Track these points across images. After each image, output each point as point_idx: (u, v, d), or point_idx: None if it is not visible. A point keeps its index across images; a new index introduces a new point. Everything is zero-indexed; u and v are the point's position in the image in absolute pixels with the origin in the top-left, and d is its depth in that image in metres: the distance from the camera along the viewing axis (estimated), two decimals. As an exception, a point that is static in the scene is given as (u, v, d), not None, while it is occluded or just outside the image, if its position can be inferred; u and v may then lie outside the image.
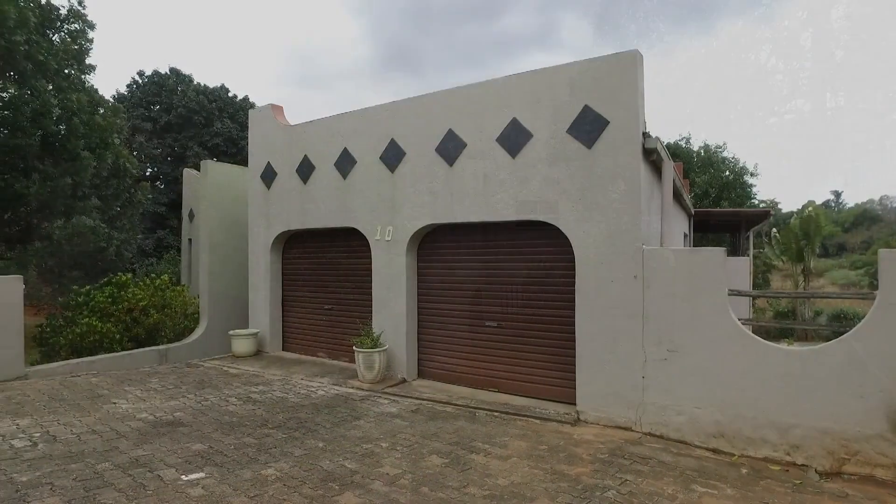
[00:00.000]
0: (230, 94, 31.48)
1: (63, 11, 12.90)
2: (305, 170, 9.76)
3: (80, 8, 13.24)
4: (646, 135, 6.77)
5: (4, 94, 10.91)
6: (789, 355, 5.55)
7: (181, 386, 7.76)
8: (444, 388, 8.10)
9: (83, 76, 13.28)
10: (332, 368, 9.16)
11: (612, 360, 6.56)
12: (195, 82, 30.67)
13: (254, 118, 10.77)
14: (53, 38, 12.57)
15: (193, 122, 29.05)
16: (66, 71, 12.87)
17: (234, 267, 12.17)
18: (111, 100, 19.87)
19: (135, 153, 21.80)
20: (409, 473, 4.81)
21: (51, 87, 11.51)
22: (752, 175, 32.21)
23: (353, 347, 8.27)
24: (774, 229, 27.27)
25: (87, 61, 13.58)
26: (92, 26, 13.48)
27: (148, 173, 28.08)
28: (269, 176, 10.39)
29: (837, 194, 57.76)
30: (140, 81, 30.44)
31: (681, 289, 6.13)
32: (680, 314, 6.14)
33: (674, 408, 6.15)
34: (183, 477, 4.55)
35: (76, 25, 13.13)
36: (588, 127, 6.82)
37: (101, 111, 13.02)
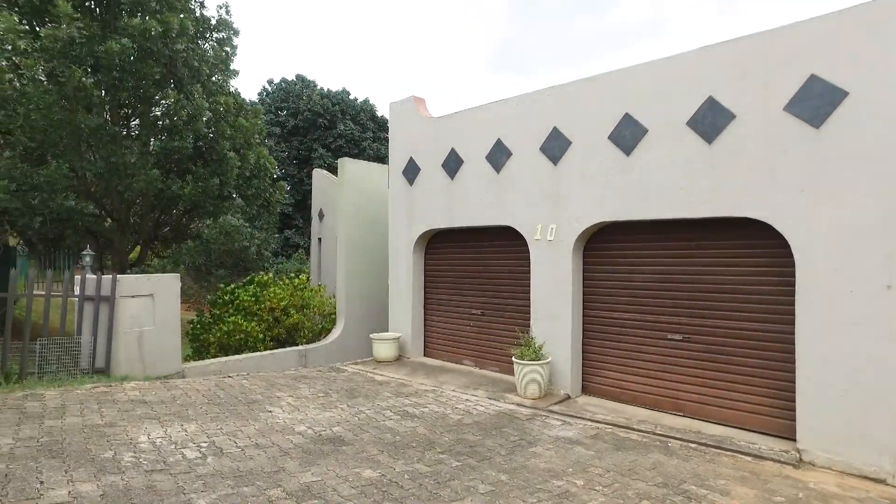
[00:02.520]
0: (351, 97, 32.19)
1: (213, 21, 13.36)
2: (452, 164, 9.13)
3: (227, 17, 13.66)
4: (900, 107, 5.35)
5: (165, 101, 11.40)
6: None
7: (331, 394, 7.36)
8: (615, 408, 7.08)
9: (228, 80, 13.70)
10: (483, 379, 8.43)
11: (853, 391, 5.22)
12: (318, 87, 31.67)
13: (394, 112, 10.32)
14: (205, 47, 13.02)
15: (318, 124, 30.00)
16: (214, 78, 13.31)
17: (371, 267, 11.87)
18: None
19: (267, 156, 22.58)
20: (627, 528, 3.89)
21: (202, 91, 11.85)
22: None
23: (513, 359, 7.48)
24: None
25: (231, 67, 14.01)
26: (237, 33, 13.89)
27: (276, 175, 29.33)
28: (411, 172, 9.88)
29: None
30: (269, 89, 31.94)
31: (965, 304, 4.69)
32: (962, 337, 4.70)
33: (951, 459, 4.72)
34: (363, 512, 3.94)
35: (224, 34, 13.55)
36: (815, 102, 5.52)
37: (244, 112, 13.33)
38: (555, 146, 7.71)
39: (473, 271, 9.39)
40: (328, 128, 30.28)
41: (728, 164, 6.12)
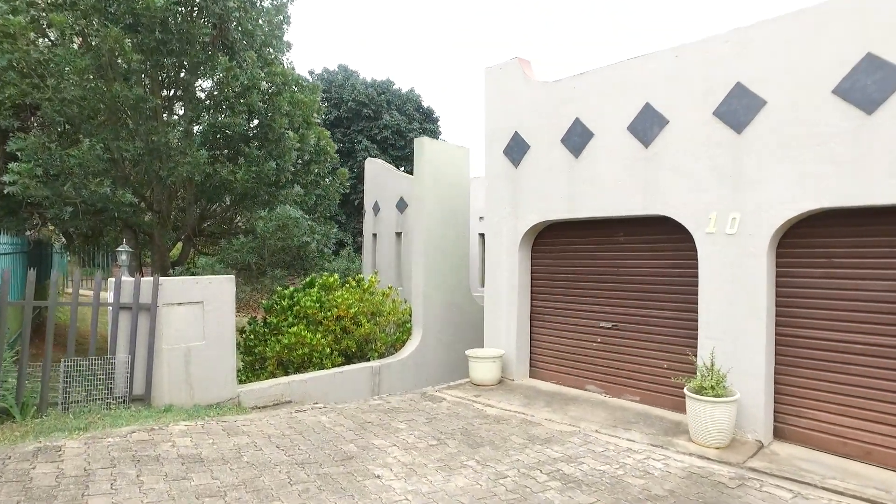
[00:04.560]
0: (395, 87, 30.56)
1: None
2: (576, 139, 7.19)
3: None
4: None
5: (215, 70, 9.65)
6: None
7: (445, 441, 5.49)
8: (841, 465, 5.08)
9: (283, 53, 11.97)
10: (626, 413, 6.49)
11: None
12: (362, 77, 30.15)
13: (491, 78, 8.40)
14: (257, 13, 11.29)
15: (362, 115, 28.49)
16: (268, 49, 11.61)
17: (451, 267, 10.05)
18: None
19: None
20: None
21: (255, 59, 10.13)
22: None
23: (685, 392, 5.53)
24: None
25: (285, 38, 12.30)
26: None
27: (334, 161, 27.85)
28: (516, 150, 7.96)
29: None
30: (310, 79, 30.49)
31: None
32: None
33: None
34: None
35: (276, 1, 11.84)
36: None
37: (300, 88, 11.58)
38: (737, 109, 5.72)
39: (601, 273, 7.44)
40: (373, 118, 28.69)
41: None
